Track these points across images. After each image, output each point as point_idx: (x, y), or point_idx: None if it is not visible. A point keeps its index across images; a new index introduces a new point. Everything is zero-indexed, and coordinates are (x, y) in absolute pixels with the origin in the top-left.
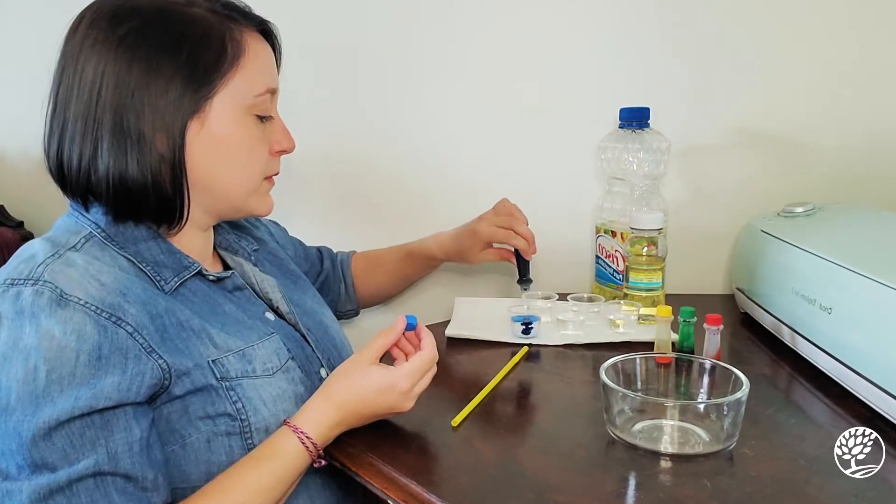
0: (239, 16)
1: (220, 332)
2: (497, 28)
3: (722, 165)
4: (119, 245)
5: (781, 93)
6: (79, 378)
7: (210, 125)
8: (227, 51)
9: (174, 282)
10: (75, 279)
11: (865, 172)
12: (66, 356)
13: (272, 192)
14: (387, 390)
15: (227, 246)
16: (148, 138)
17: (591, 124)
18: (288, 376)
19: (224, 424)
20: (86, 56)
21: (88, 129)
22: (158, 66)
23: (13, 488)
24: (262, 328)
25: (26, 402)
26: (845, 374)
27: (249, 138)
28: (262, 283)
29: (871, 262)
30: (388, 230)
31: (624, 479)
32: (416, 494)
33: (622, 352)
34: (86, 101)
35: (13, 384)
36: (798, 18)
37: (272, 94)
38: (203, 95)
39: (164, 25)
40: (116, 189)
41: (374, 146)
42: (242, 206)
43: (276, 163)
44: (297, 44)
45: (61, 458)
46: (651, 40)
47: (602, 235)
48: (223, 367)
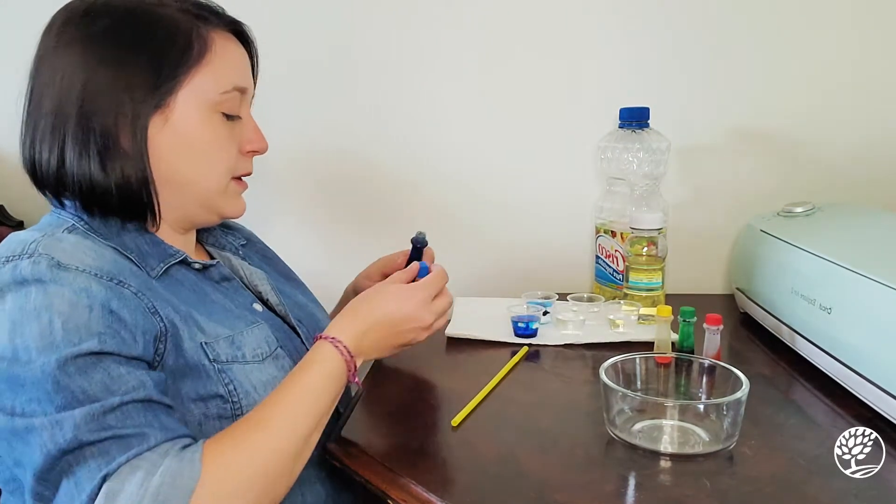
0: (209, 14)
1: (208, 320)
2: (496, 28)
3: (722, 165)
4: (102, 236)
5: (781, 93)
6: (95, 328)
7: (174, 121)
8: (192, 47)
9: (160, 267)
10: (69, 251)
11: (865, 172)
12: (79, 310)
13: (264, 197)
14: (405, 299)
15: (213, 242)
16: (112, 134)
17: (591, 124)
18: (278, 363)
19: (216, 407)
20: (57, 54)
21: (57, 127)
22: (123, 63)
23: (63, 416)
24: (250, 317)
25: (49, 349)
26: (845, 374)
27: (216, 136)
28: (250, 276)
29: (871, 262)
30: (388, 231)
31: (624, 479)
32: (416, 494)
33: (622, 352)
34: (55, 99)
35: (30, 342)
36: (798, 18)
37: (241, 92)
38: (166, 91)
39: (132, 24)
40: (83, 185)
41: (371, 147)
42: (212, 206)
43: (247, 163)
44: (296, 44)
45: (102, 389)
46: (651, 40)
47: (602, 235)
48: (214, 350)
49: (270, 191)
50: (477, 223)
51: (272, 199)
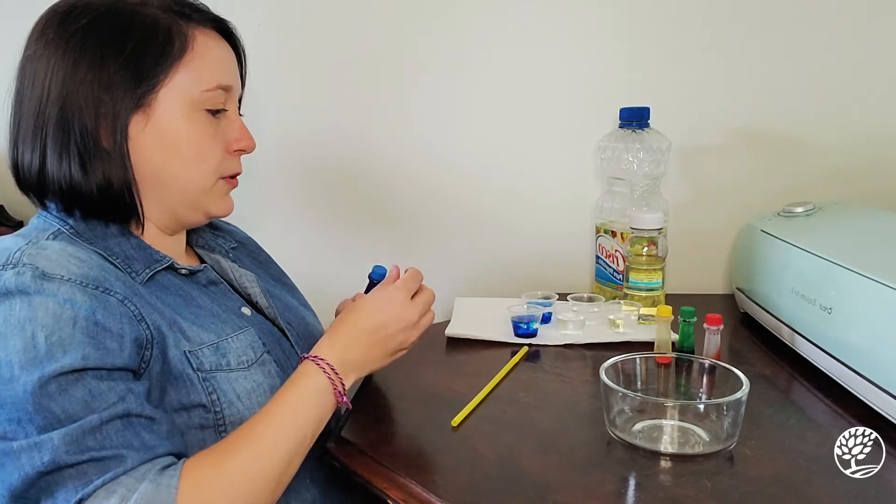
0: (192, 12)
1: (193, 326)
2: (496, 28)
3: (722, 165)
4: (88, 241)
5: (781, 93)
6: (79, 341)
7: (156, 120)
8: (172, 45)
9: (145, 273)
10: (54, 259)
11: (865, 172)
12: (63, 322)
13: (259, 198)
14: (384, 302)
15: (203, 244)
16: (92, 135)
17: (591, 124)
18: (264, 369)
19: (198, 417)
20: (40, 55)
21: (38, 128)
22: (103, 62)
23: (42, 439)
24: (237, 322)
25: (31, 366)
26: (845, 374)
27: (199, 134)
28: (240, 278)
29: (871, 262)
30: (386, 232)
31: (624, 479)
32: (416, 494)
33: (622, 352)
34: (36, 100)
35: (13, 356)
36: (798, 18)
37: (225, 90)
38: (147, 89)
39: (112, 23)
40: (63, 187)
41: (370, 147)
42: (198, 206)
43: (234, 162)
44: (294, 44)
45: (83, 407)
46: (651, 40)
47: (602, 235)
48: (198, 358)
49: (266, 192)
50: (477, 223)
51: (267, 200)
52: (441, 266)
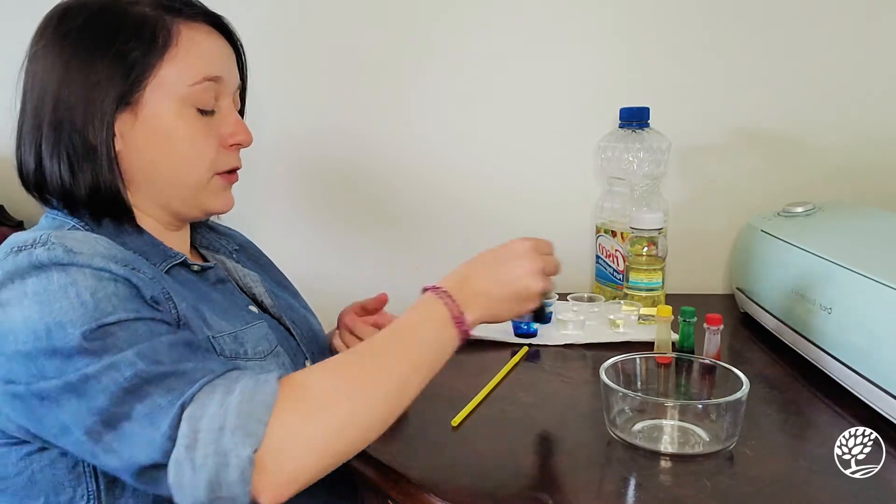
0: (181, 6)
1: (213, 315)
2: (496, 28)
3: (722, 165)
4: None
5: (781, 92)
6: (123, 295)
7: (145, 116)
8: (156, 40)
9: (163, 266)
10: (81, 240)
11: (865, 172)
12: (105, 283)
13: (258, 198)
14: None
15: (207, 245)
16: (82, 134)
17: (591, 124)
18: (278, 361)
19: None
20: (38, 56)
21: (35, 127)
22: (92, 61)
23: (117, 359)
24: (248, 317)
25: (84, 321)
26: (845, 374)
27: (190, 130)
28: (244, 278)
29: (871, 262)
30: (386, 232)
31: (624, 479)
32: (416, 494)
33: (622, 352)
34: (34, 100)
35: (63, 317)
36: (798, 18)
37: (214, 81)
38: (133, 86)
39: (104, 21)
40: (56, 185)
41: (369, 147)
42: (194, 202)
43: (230, 157)
44: (294, 44)
45: (148, 335)
46: (651, 40)
47: (602, 235)
48: (220, 345)
49: (265, 192)
50: (477, 223)
51: (267, 200)
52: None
